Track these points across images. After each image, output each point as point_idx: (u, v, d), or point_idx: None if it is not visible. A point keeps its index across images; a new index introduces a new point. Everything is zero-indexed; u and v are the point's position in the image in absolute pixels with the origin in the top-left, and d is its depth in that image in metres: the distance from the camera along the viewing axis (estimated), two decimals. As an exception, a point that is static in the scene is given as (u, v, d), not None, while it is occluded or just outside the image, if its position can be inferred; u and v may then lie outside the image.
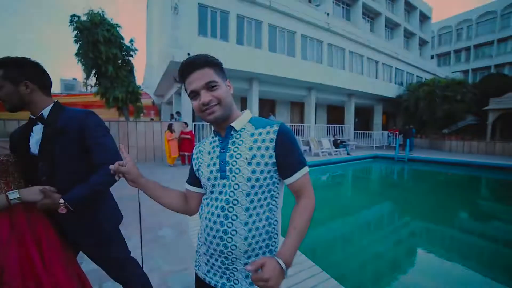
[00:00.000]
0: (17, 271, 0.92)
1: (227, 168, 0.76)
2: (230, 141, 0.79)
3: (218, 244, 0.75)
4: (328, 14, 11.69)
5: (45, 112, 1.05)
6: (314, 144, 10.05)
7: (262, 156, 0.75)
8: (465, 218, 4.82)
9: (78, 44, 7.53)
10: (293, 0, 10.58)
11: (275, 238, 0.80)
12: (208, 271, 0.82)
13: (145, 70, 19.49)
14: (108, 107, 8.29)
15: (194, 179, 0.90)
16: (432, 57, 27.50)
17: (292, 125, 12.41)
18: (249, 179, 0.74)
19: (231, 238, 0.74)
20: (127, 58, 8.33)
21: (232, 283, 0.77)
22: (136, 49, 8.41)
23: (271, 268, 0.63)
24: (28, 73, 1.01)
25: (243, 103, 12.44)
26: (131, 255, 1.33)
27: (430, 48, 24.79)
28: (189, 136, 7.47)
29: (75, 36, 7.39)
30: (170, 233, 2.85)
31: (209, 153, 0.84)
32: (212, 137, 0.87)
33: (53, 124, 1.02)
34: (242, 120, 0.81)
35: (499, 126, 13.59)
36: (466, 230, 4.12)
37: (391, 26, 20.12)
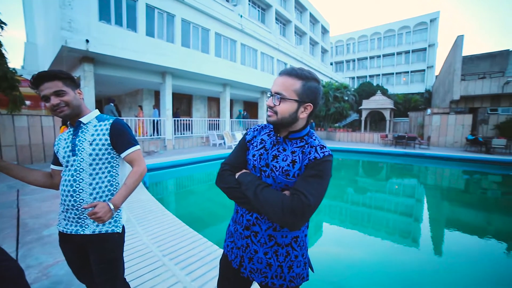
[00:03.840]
0: None
1: (76, 148, 1.11)
2: (80, 130, 1.14)
3: (69, 200, 1.09)
4: (241, 16, 12.51)
5: None
6: (227, 138, 10.74)
7: (100, 139, 1.12)
8: (350, 192, 6.48)
9: None
10: (208, -2, 10.81)
11: None
12: (66, 224, 1.12)
13: (25, 50, 15.41)
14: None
15: (55, 160, 1.23)
16: (331, 64, 33.37)
17: (209, 120, 12.85)
18: (90, 154, 1.10)
19: (79, 194, 1.09)
20: (-11, 33, 6.54)
21: (83, 228, 1.11)
22: (3, 23, 6.71)
23: (100, 206, 0.96)
24: None
25: (157, 97, 11.90)
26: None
27: (329, 56, 30.04)
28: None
29: None
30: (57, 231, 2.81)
31: (65, 139, 1.16)
32: (69, 129, 1.19)
33: None
34: (89, 116, 1.17)
35: (369, 121, 18.23)
36: (350, 200, 5.65)
37: (300, 33, 23.20)
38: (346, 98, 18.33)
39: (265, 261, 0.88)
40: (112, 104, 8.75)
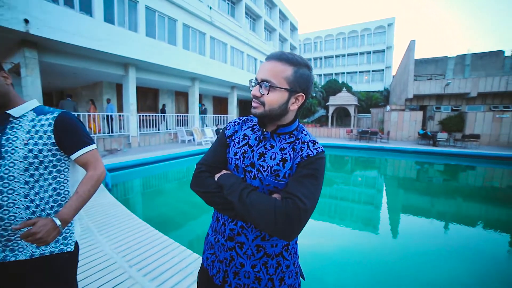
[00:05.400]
0: None
1: (3, 150, 0.84)
2: (8, 126, 0.87)
3: None
4: (210, 7, 12.03)
5: None
6: (197, 134, 10.40)
7: (40, 137, 0.88)
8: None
9: None
10: (174, -15, 10.12)
11: None
12: None
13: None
14: None
15: None
16: (300, 61, 34.24)
17: (177, 115, 12.22)
18: (25, 157, 0.85)
19: (8, 210, 0.82)
20: None
21: (16, 252, 0.84)
22: None
23: (41, 224, 0.77)
24: None
25: (119, 91, 10.91)
26: None
27: (298, 53, 30.75)
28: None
29: None
30: None
31: None
32: None
33: None
34: (23, 108, 0.91)
35: (335, 117, 19.19)
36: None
37: (269, 29, 23.24)
38: (314, 94, 19.04)
39: (253, 275, 0.77)
40: (70, 99, 7.72)
